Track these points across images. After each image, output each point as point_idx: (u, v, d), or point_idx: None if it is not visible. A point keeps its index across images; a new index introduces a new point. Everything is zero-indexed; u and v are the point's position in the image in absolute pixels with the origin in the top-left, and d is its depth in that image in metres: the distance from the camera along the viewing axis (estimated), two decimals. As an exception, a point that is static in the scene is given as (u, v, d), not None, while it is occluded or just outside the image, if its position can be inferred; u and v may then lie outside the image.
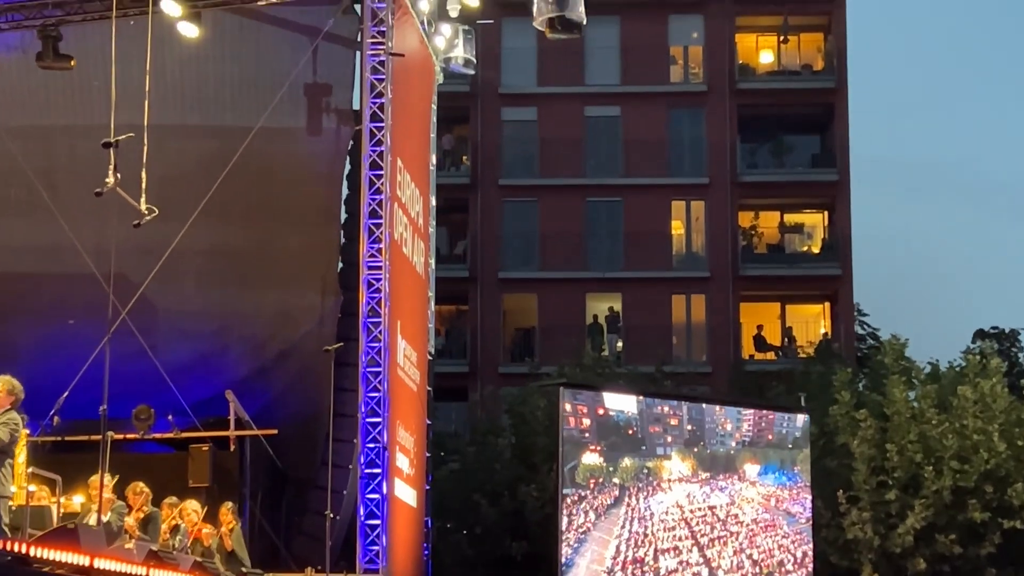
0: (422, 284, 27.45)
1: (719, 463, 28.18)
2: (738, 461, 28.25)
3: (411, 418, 25.68)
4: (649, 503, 25.47)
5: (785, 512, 28.60)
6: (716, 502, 27.55)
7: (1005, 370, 33.03)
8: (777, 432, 28.61)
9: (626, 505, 25.16)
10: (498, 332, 43.54)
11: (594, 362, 36.29)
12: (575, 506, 24.40)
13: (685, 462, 26.78)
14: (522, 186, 43.82)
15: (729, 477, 28.27)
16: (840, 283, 43.54)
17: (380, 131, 23.89)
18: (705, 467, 27.62)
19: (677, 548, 25.42)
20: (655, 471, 25.92)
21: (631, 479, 25.25)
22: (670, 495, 26.06)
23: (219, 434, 23.86)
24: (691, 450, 26.86)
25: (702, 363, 42.64)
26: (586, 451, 24.95)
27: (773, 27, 45.29)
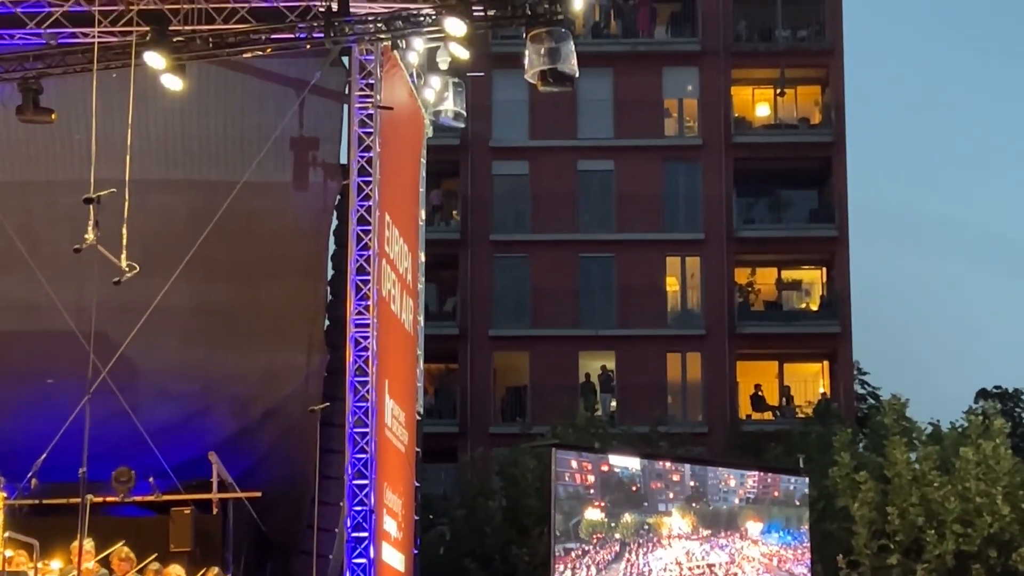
0: (411, 342, 27.42)
1: (720, 520, 28.00)
2: (740, 519, 28.15)
3: (399, 480, 25.58)
4: (648, 559, 25.72)
5: (787, 573, 28.41)
6: (715, 560, 27.47)
7: (1008, 431, 33.02)
8: (784, 489, 28.55)
9: (626, 560, 25.38)
10: (489, 391, 43.47)
11: (587, 422, 36.22)
12: (578, 560, 24.59)
13: (685, 519, 26.94)
14: (513, 241, 43.86)
15: (730, 535, 28.09)
16: (839, 341, 43.55)
17: (368, 185, 23.93)
18: (706, 524, 27.52)
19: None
20: (655, 527, 26.19)
21: (631, 535, 25.52)
22: (670, 552, 26.27)
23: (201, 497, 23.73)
24: (692, 506, 27.06)
25: (698, 423, 42.57)
26: (589, 506, 25.17)
27: (770, 80, 45.50)
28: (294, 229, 25.14)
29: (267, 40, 22.79)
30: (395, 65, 25.27)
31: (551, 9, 21.45)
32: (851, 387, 44.16)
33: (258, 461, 24.97)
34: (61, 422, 22.02)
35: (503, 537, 32.49)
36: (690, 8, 44.95)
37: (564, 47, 21.51)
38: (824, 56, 44.68)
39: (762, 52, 44.99)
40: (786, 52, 44.96)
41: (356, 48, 24.05)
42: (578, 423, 35.56)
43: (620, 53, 44.29)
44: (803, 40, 45.11)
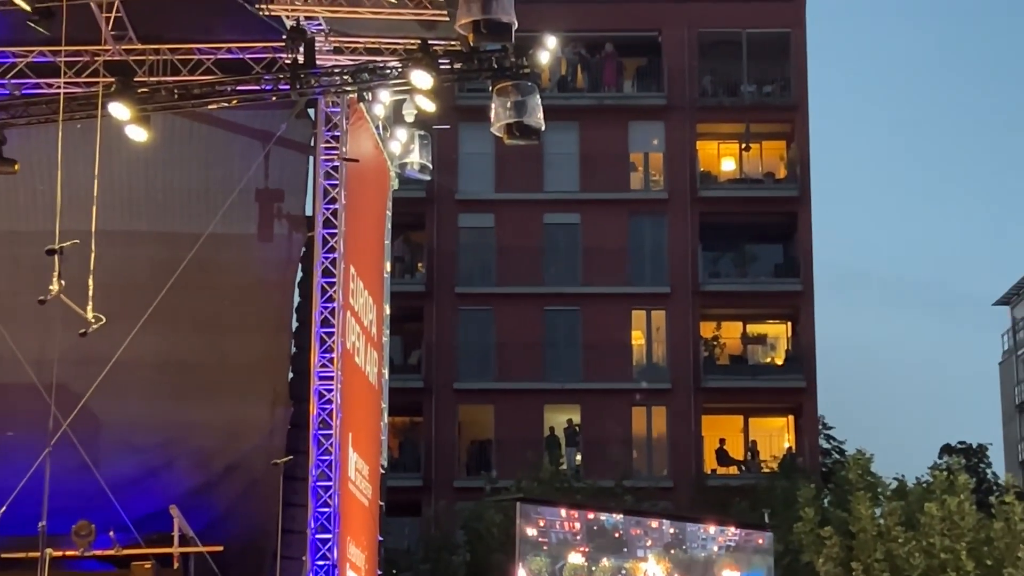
0: (375, 395, 27.37)
1: (696, 568, 28.12)
2: (717, 567, 28.26)
3: (362, 534, 25.48)
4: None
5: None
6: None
7: (973, 487, 33.11)
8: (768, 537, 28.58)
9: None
10: (453, 444, 43.36)
11: (552, 476, 36.18)
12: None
13: (660, 564, 27.37)
14: (479, 294, 43.87)
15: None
16: (804, 396, 43.64)
17: (333, 237, 23.94)
18: (681, 570, 27.76)
19: None
20: (631, 572, 26.80)
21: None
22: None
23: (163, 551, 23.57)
24: (669, 553, 27.50)
25: (663, 477, 42.55)
26: (573, 551, 25.88)
27: (735, 134, 45.77)
28: (258, 281, 25.11)
29: (233, 92, 22.85)
30: (361, 117, 25.33)
31: (517, 63, 21.59)
32: (816, 442, 44.22)
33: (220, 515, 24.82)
34: (21, 475, 21.89)
35: (468, 593, 32.38)
36: (656, 63, 45.22)
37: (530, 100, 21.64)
38: (789, 111, 44.99)
39: (727, 107, 45.26)
40: (751, 107, 45.24)
41: (322, 100, 24.12)
42: (543, 477, 35.52)
43: (586, 107, 44.50)
44: (768, 95, 45.42)
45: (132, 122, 22.24)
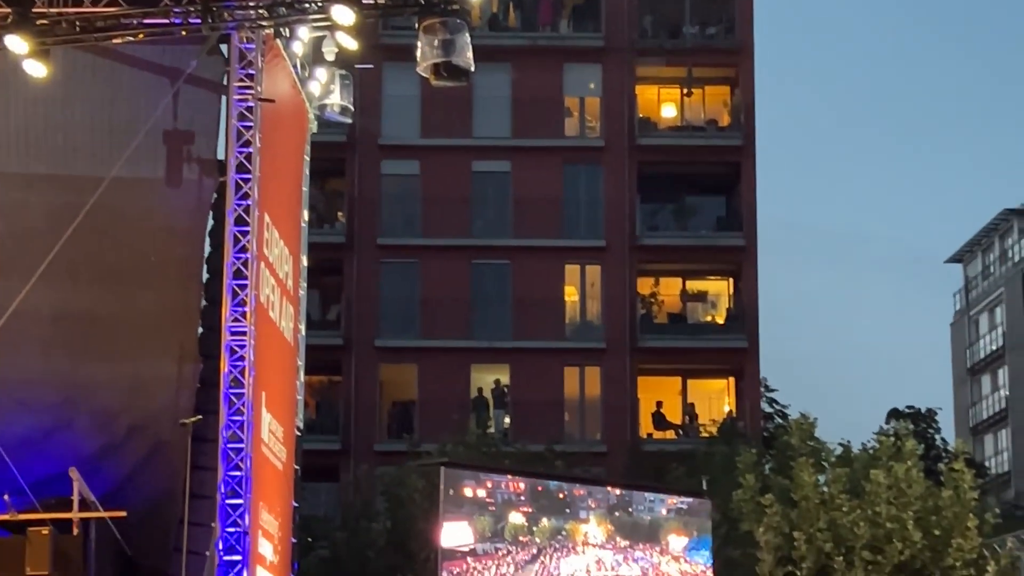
0: (290, 352, 27.26)
1: (640, 531, 28.79)
2: (663, 532, 28.93)
3: (276, 500, 25.41)
4: (560, 564, 27.12)
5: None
6: (625, 572, 28.23)
7: (921, 453, 33.46)
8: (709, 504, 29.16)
9: (540, 563, 26.82)
10: (374, 406, 43.37)
11: (479, 439, 36.29)
12: (502, 559, 26.08)
13: (600, 527, 28.07)
14: (402, 246, 43.82)
15: (648, 548, 28.76)
16: (746, 356, 43.92)
17: (247, 183, 23.76)
18: (625, 534, 28.40)
19: None
20: (570, 534, 27.52)
21: (547, 539, 27.05)
22: (581, 559, 27.55)
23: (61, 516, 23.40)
24: (612, 515, 28.24)
25: (596, 442, 42.75)
26: (514, 511, 26.73)
27: (676, 79, 45.84)
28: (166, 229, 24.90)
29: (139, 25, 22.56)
30: (278, 55, 25.13)
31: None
32: (758, 405, 44.56)
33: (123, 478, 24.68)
34: (-92, 435, 21.68)
35: (387, 562, 32.43)
36: (594, 2, 45.20)
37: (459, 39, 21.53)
38: (733, 55, 45.11)
39: (668, 49, 45.33)
40: (693, 50, 45.33)
41: (236, 36, 23.86)
42: (469, 441, 35.61)
43: (519, 47, 44.43)
44: (712, 38, 45.52)
45: (30, 56, 21.95)
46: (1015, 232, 64.26)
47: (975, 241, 67.98)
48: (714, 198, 45.88)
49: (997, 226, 65.95)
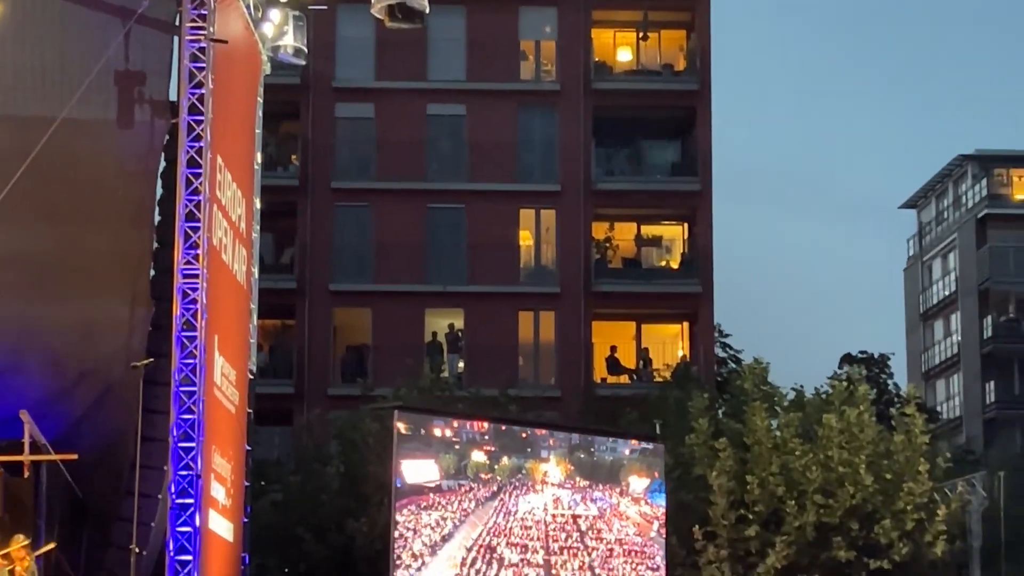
0: (243, 295, 27.21)
1: (601, 472, 29.48)
2: (623, 472, 29.45)
3: (229, 443, 25.42)
4: (519, 502, 28.01)
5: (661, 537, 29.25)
6: (582, 512, 28.98)
7: (873, 398, 33.72)
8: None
9: (500, 500, 27.71)
10: (327, 350, 43.31)
11: (432, 384, 36.29)
12: (464, 495, 27.07)
13: (559, 466, 28.82)
14: (356, 190, 43.67)
15: (608, 488, 29.30)
16: (700, 301, 44.04)
17: (199, 125, 23.64)
18: (585, 474, 29.12)
19: (526, 546, 27.73)
20: (530, 472, 28.38)
21: (507, 477, 27.93)
22: (539, 497, 28.36)
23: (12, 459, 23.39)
24: (573, 455, 29.01)
25: (550, 386, 42.84)
26: (477, 449, 27.57)
27: (632, 23, 45.74)
28: (118, 171, 24.79)
29: (90, -37, 22.38)
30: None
31: (400, -61, 21.34)
32: (711, 350, 44.70)
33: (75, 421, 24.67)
34: None
35: (340, 506, 32.47)
36: (549, -55, 44.98)
37: (413, -20, 21.43)
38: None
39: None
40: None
41: (188, -25, 23.72)
42: (423, 385, 35.61)
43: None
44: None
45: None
46: (969, 178, 64.51)
47: (929, 187, 68.22)
48: (669, 143, 45.85)
49: (951, 172, 66.19)
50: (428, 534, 26.27)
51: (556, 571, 28.17)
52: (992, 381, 60.62)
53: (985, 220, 62.06)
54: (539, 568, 27.91)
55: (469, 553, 26.70)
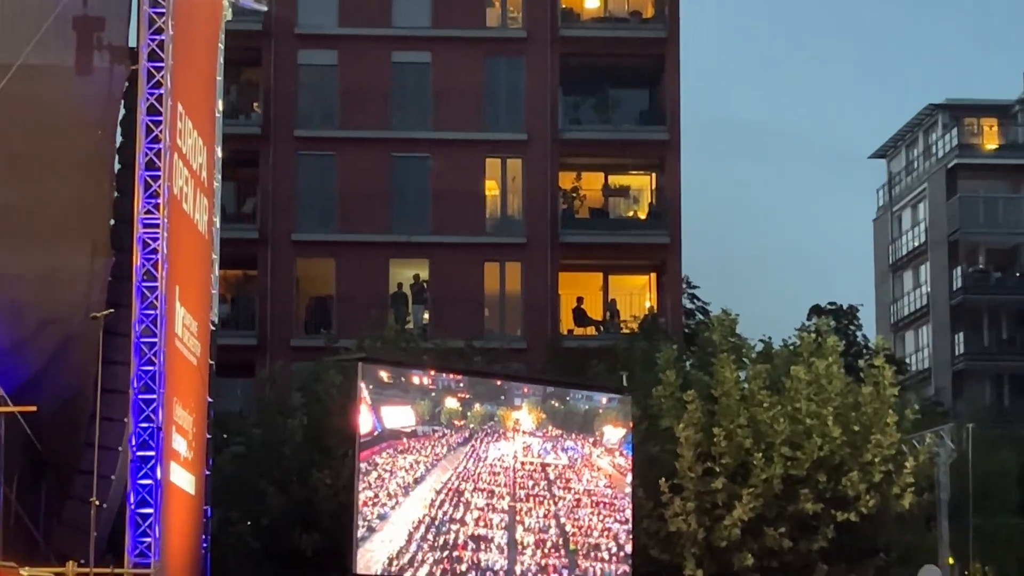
0: (205, 245, 27.16)
1: (575, 421, 30.01)
2: (598, 422, 29.89)
3: (190, 395, 25.43)
4: (489, 448, 28.67)
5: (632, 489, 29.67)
6: (552, 461, 29.48)
7: (842, 349, 33.81)
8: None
9: (471, 446, 28.38)
10: (290, 301, 43.25)
11: (397, 335, 36.27)
12: (438, 440, 27.84)
13: (531, 414, 29.44)
14: (320, 138, 43.52)
15: (582, 438, 29.61)
16: (668, 252, 44.08)
17: (159, 72, 23.57)
18: (557, 423, 29.72)
19: (492, 492, 28.31)
20: (501, 420, 29.04)
21: (479, 424, 28.60)
22: (509, 444, 28.99)
23: (-30, 411, 23.34)
24: (546, 403, 29.68)
25: (516, 338, 42.87)
26: (451, 396, 28.38)
27: (599, -32, 45.60)
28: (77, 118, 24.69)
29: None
30: (191, -61, 24.83)
31: None
32: (679, 301, 44.79)
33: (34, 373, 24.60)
34: None
35: (303, 458, 32.46)
36: None
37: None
38: (657, -57, 44.89)
39: (592, -61, 45.07)
40: (617, -60, 45.10)
41: (147, -81, 23.58)
42: (387, 336, 35.59)
43: (439, -65, 43.97)
44: (635, -72, 45.25)
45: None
46: (939, 128, 64.64)
47: (899, 136, 68.35)
48: (637, 91, 45.79)
49: (921, 121, 66.31)
50: (403, 476, 27.02)
51: (520, 518, 28.57)
52: (961, 333, 60.93)
53: (955, 170, 62.25)
54: (504, 513, 28.33)
55: (438, 495, 27.40)
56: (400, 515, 26.71)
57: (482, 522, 27.84)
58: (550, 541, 28.85)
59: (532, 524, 28.72)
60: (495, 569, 27.75)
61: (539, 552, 28.64)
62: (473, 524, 27.74)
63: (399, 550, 26.48)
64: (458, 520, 27.55)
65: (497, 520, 28.11)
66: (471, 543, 27.51)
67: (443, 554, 27.06)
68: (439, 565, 26.99)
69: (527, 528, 28.61)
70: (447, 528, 27.35)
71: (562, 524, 29.22)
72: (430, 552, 26.91)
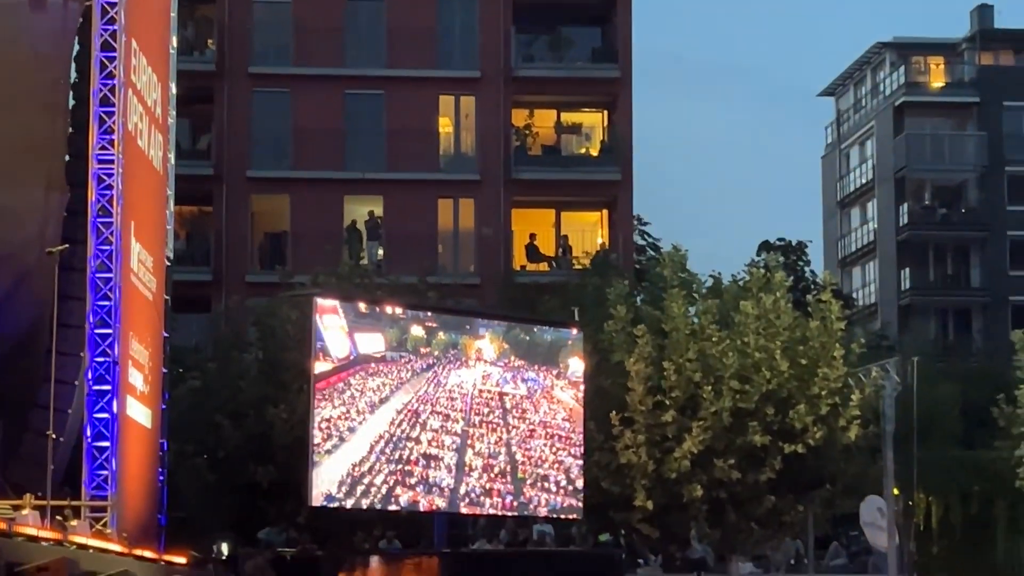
0: (160, 181, 27.01)
1: (538, 352, 30.54)
2: (563, 355, 30.01)
3: (146, 330, 25.34)
4: (450, 374, 29.51)
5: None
6: (510, 391, 30.08)
7: (790, 285, 33.95)
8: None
9: (433, 371, 29.27)
10: (245, 237, 43.12)
11: (352, 271, 36.22)
12: (404, 366, 28.85)
13: (493, 344, 30.16)
14: (274, 75, 43.28)
15: (544, 370, 29.68)
16: (619, 189, 44.12)
17: (113, 8, 23.33)
18: (520, 353, 30.30)
19: (448, 416, 29.16)
20: (463, 348, 29.76)
21: (442, 351, 29.43)
22: (470, 372, 29.77)
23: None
24: (510, 334, 30.41)
25: (470, 274, 42.89)
26: (417, 324, 29.31)
27: (548, -99, 45.28)
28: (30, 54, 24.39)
29: None
30: None
31: None
32: (630, 238, 44.87)
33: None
34: None
35: (258, 393, 32.45)
36: None
37: None
38: None
39: None
40: None
41: None
42: (342, 272, 35.54)
43: None
44: None
45: None
46: (887, 66, 64.66)
47: (847, 75, 68.37)
48: (590, 29, 45.64)
49: (869, 60, 66.31)
50: (371, 395, 28.35)
51: (472, 442, 29.17)
52: (907, 268, 61.19)
53: (902, 108, 62.33)
54: (456, 436, 29.00)
55: (399, 415, 28.51)
56: (365, 429, 27.98)
57: (435, 443, 28.78)
58: (498, 467, 29.38)
59: (482, 449, 29.32)
60: (442, 486, 28.63)
61: (485, 476, 29.22)
62: (426, 444, 28.68)
63: (361, 459, 27.76)
64: (413, 439, 28.55)
65: (449, 442, 28.94)
66: (423, 460, 28.54)
67: (397, 467, 28.19)
68: (392, 476, 28.13)
69: (477, 452, 29.22)
70: (403, 445, 28.41)
71: (512, 452, 29.64)
72: (387, 464, 28.09)
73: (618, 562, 30.99)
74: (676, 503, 31.30)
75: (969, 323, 60.56)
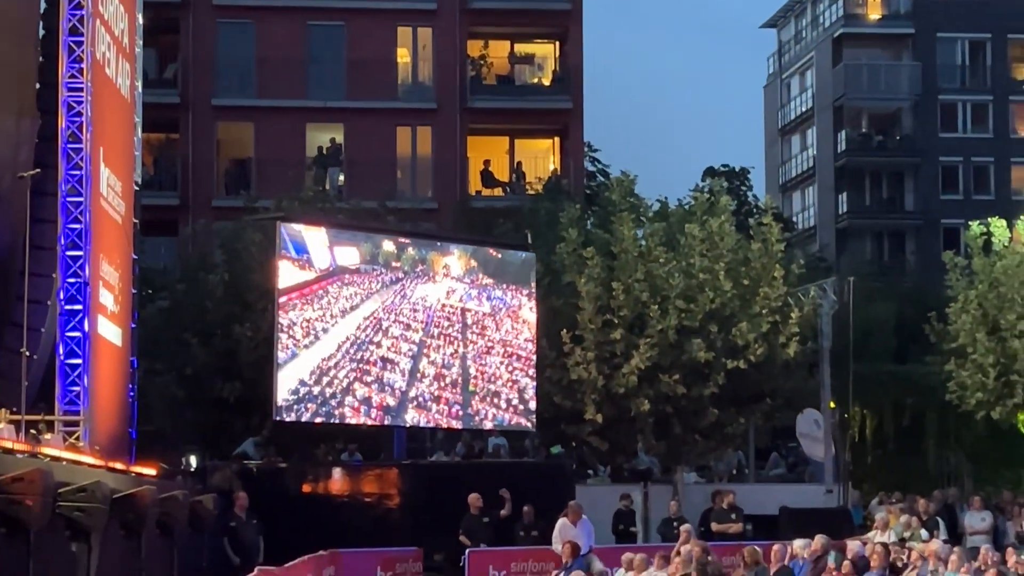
0: (127, 109, 26.79)
1: (508, 272, 30.49)
2: (534, 274, 30.44)
3: (115, 252, 25.22)
4: (416, 289, 29.66)
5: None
6: (473, 307, 30.06)
7: (734, 209, 33.97)
8: None
9: (401, 284, 29.49)
10: (211, 163, 42.91)
11: (314, 196, 36.10)
12: (375, 278, 29.22)
13: (460, 260, 30.18)
14: (238, 6, 42.94)
15: (513, 289, 29.84)
16: (570, 117, 44.09)
17: (80, -61, 23.04)
18: (488, 272, 30.25)
19: (409, 326, 29.45)
20: (431, 263, 29.87)
21: (411, 266, 29.58)
22: (436, 287, 29.87)
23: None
24: (479, 252, 30.43)
25: (428, 199, 42.85)
26: (388, 240, 29.65)
27: None
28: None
29: None
30: None
31: None
32: (581, 164, 44.88)
33: (-37, 232, 24.26)
34: None
35: (225, 312, 32.36)
36: None
37: None
38: None
39: None
40: None
41: None
42: (304, 197, 35.40)
43: None
44: None
45: None
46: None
47: (788, 7, 68.31)
48: (541, -39, 45.43)
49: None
50: (343, 303, 28.74)
51: (428, 351, 29.38)
52: (845, 193, 61.45)
53: (841, 39, 62.36)
54: (413, 345, 29.29)
55: (364, 321, 28.93)
56: (336, 330, 28.45)
57: (393, 348, 29.09)
58: (449, 378, 29.54)
59: (437, 359, 29.49)
60: (394, 387, 28.93)
61: (436, 384, 29.41)
62: (386, 348, 29.01)
63: (330, 354, 28.22)
64: (375, 343, 28.93)
65: (406, 349, 29.24)
66: (380, 362, 28.89)
67: (358, 365, 28.61)
68: (353, 372, 28.52)
69: (431, 361, 29.40)
70: (365, 347, 28.82)
71: (467, 366, 29.73)
72: (350, 362, 28.53)
73: (569, 473, 31.11)
74: (624, 417, 31.44)
75: (903, 245, 60.94)
